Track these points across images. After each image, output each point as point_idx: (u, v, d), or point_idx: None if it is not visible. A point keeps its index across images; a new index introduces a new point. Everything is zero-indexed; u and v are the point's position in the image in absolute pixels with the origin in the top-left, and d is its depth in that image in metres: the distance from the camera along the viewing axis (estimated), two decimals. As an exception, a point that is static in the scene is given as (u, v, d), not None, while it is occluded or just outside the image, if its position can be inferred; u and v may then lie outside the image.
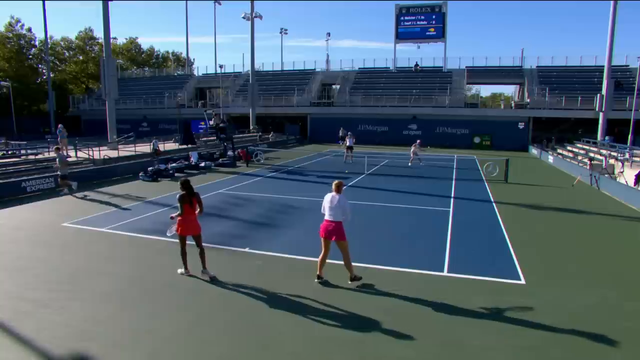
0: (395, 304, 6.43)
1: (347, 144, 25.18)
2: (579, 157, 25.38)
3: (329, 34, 63.06)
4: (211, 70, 53.73)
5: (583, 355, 5.15)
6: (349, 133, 26.42)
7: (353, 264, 7.23)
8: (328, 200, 7.03)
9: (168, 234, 7.66)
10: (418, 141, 24.96)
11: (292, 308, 6.26)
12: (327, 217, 7.00)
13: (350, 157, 24.64)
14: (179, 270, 7.51)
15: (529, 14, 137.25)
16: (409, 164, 23.69)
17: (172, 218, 7.31)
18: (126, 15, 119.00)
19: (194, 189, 7.26)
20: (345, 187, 7.04)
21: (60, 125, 21.82)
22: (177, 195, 7.18)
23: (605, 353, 5.20)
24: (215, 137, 27.67)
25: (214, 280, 7.19)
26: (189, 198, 7.11)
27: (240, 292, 6.79)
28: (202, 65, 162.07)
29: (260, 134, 37.00)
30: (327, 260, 7.29)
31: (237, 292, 6.76)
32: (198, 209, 7.21)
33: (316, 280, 7.21)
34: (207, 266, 7.34)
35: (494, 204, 13.84)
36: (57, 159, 14.76)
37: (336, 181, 7.14)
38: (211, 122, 25.03)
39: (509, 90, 61.02)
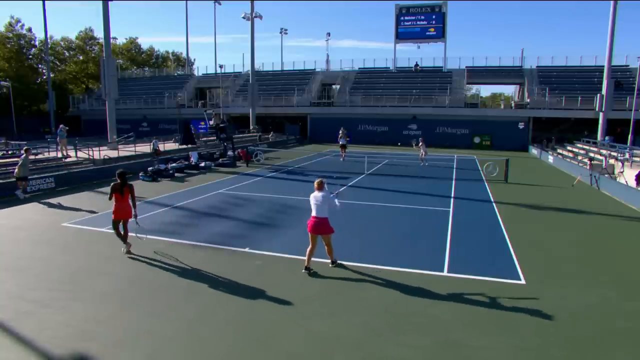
0: (396, 304, 6.43)
1: (341, 142, 25.27)
2: (579, 157, 25.38)
3: (329, 34, 63.15)
4: (211, 70, 53.81)
5: (583, 355, 5.16)
6: (345, 132, 26.19)
7: (354, 263, 7.66)
8: (312, 198, 7.49)
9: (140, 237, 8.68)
10: (421, 139, 24.76)
11: (292, 308, 6.27)
12: (313, 213, 7.44)
13: (342, 156, 24.97)
14: (122, 249, 8.49)
15: (529, 14, 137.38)
16: (421, 164, 23.49)
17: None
18: (126, 15, 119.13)
19: (127, 181, 8.45)
20: (325, 184, 7.69)
21: (61, 125, 21.82)
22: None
23: (605, 353, 5.20)
24: (215, 137, 27.67)
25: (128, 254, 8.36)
26: (120, 188, 8.29)
27: (240, 292, 6.79)
28: (202, 65, 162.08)
29: (260, 134, 37.00)
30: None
31: (236, 292, 6.76)
32: (131, 199, 8.44)
33: (303, 270, 7.56)
34: (127, 243, 8.51)
35: (494, 204, 13.84)
36: (22, 161, 14.02)
37: (317, 180, 7.62)
38: (211, 122, 25.03)
39: (509, 90, 61.10)
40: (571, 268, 8.13)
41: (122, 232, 8.54)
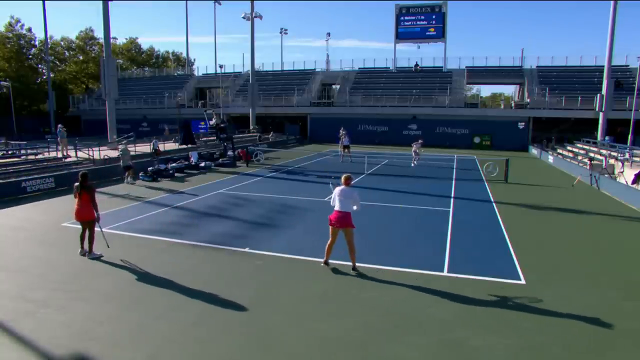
0: (396, 304, 6.43)
1: (344, 143, 25.28)
2: (579, 157, 25.38)
3: (329, 34, 63.15)
4: (211, 70, 53.89)
5: (583, 355, 5.16)
6: (344, 132, 26.35)
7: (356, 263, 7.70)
8: (338, 192, 7.60)
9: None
10: (420, 140, 24.81)
11: (292, 308, 6.27)
12: (337, 208, 7.51)
13: (348, 155, 24.94)
14: (79, 251, 8.48)
15: (529, 14, 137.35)
16: (412, 164, 23.59)
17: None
18: (126, 15, 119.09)
19: (88, 182, 8.34)
20: (353, 181, 7.83)
21: (60, 125, 21.83)
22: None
23: (605, 353, 5.21)
24: (215, 137, 27.68)
25: (101, 258, 8.28)
26: (80, 189, 8.26)
27: (240, 292, 6.79)
28: (202, 65, 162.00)
29: (260, 134, 36.99)
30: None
31: (237, 292, 6.76)
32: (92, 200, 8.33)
33: (322, 264, 7.87)
34: (93, 250, 8.40)
35: (494, 204, 13.84)
36: (122, 152, 17.32)
37: (345, 175, 7.83)
38: (211, 122, 25.04)
39: (509, 90, 61.11)
40: (571, 268, 8.13)
41: (85, 235, 8.43)
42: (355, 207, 7.59)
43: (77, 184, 8.36)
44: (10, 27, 54.58)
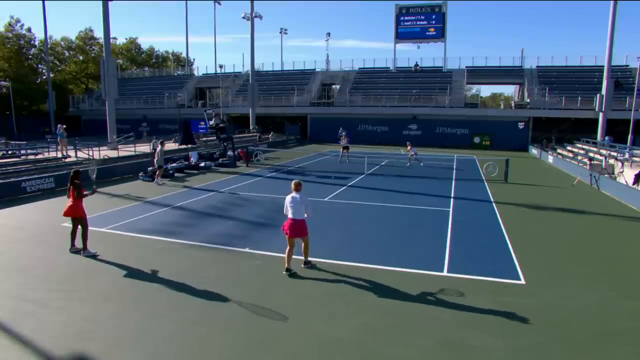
0: (395, 304, 6.43)
1: (343, 143, 25.26)
2: (579, 157, 25.38)
3: (329, 34, 62.94)
4: (211, 70, 53.93)
5: (583, 355, 5.15)
6: (343, 133, 26.40)
7: (352, 263, 7.77)
8: (289, 200, 7.48)
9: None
10: (408, 143, 24.59)
11: (292, 308, 6.26)
12: (291, 215, 7.41)
13: (347, 156, 24.91)
14: (69, 248, 8.59)
15: (529, 14, 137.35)
16: (408, 164, 23.58)
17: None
18: (126, 15, 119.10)
19: (79, 181, 8.36)
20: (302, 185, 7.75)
21: (60, 125, 21.85)
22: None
23: (605, 353, 5.20)
24: (215, 137, 27.68)
25: (95, 257, 8.29)
26: (69, 186, 8.31)
27: (240, 292, 6.79)
28: (202, 65, 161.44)
29: (260, 134, 36.99)
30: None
31: (237, 292, 6.76)
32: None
33: (284, 272, 7.50)
34: (88, 247, 8.46)
35: (494, 204, 13.84)
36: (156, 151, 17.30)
37: (295, 180, 7.70)
38: (211, 122, 25.04)
39: (509, 90, 61.13)
40: (571, 268, 8.13)
41: (76, 233, 8.51)
42: (306, 215, 7.48)
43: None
44: (10, 27, 54.53)
